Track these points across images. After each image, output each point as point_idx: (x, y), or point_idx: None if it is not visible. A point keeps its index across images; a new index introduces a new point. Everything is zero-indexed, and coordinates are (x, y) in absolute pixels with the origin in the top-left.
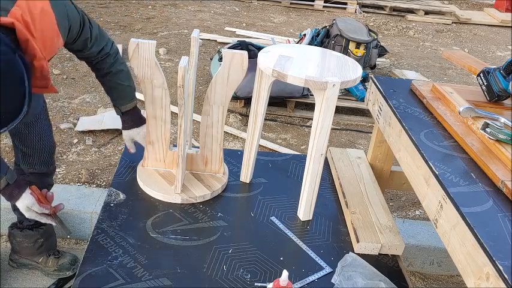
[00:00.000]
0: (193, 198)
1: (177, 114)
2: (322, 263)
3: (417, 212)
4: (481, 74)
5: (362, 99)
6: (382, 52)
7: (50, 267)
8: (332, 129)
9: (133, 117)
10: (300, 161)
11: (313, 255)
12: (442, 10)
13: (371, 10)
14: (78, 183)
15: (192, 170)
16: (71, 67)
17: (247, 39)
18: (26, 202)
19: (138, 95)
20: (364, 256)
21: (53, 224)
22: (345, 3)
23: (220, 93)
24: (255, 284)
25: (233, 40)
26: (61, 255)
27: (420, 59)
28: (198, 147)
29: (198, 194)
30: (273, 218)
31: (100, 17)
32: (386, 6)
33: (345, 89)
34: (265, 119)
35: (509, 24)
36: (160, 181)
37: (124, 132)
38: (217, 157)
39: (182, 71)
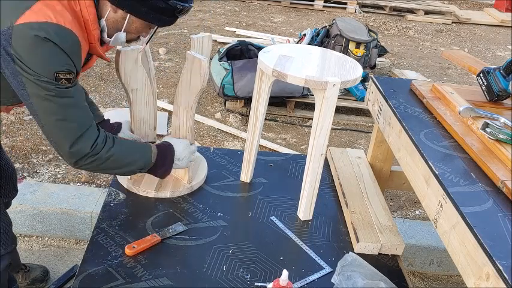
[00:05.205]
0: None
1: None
2: (322, 263)
3: (417, 212)
4: (481, 74)
5: (362, 99)
6: (382, 52)
7: (22, 283)
8: (332, 129)
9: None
10: (300, 161)
11: (313, 255)
12: (442, 10)
13: (371, 10)
14: (78, 183)
15: None
16: None
17: (247, 39)
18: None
19: None
20: (364, 256)
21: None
22: (345, 3)
23: (185, 96)
24: (255, 283)
25: (233, 40)
26: (29, 268)
27: (420, 59)
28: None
29: (143, 188)
30: (273, 218)
31: None
32: (386, 6)
33: (345, 89)
34: (265, 119)
35: (509, 24)
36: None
37: None
38: None
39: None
